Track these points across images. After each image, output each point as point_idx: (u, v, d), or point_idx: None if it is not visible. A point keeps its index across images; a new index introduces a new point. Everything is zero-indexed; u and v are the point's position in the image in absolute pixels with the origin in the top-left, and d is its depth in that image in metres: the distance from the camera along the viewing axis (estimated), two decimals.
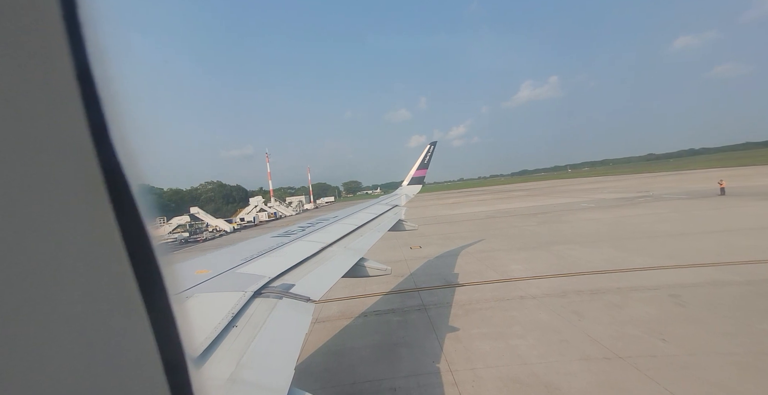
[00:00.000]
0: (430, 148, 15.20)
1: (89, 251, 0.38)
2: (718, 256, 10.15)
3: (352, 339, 7.09)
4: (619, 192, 36.27)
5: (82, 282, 0.37)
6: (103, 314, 0.38)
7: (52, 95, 0.35)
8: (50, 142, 0.35)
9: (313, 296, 2.23)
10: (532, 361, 5.61)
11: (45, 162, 0.35)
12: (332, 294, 9.70)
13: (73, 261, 0.37)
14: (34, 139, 0.34)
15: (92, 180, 0.37)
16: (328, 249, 3.58)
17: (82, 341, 0.37)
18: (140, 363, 0.41)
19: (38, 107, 0.34)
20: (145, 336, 0.41)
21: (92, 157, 0.37)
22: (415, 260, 13.60)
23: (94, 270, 0.38)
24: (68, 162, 0.36)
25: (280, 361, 1.40)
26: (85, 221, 0.37)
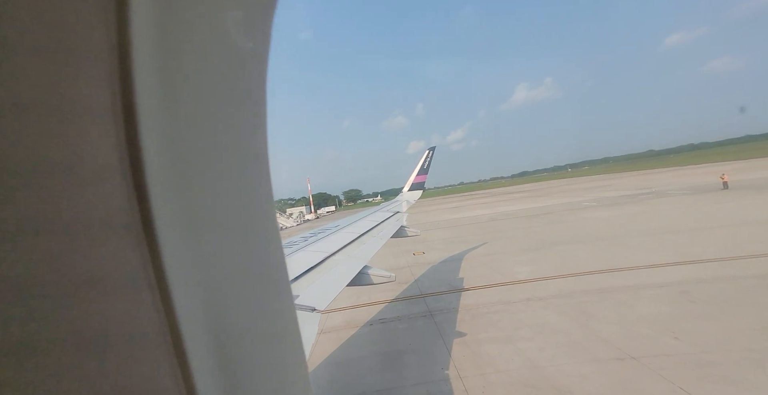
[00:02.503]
0: (429, 153, 15.28)
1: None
2: (725, 251, 10.06)
3: (358, 349, 7.02)
4: (621, 190, 36.19)
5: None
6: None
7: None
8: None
9: (319, 306, 2.22)
10: (543, 364, 5.53)
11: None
12: (337, 304, 9.63)
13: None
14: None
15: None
16: (331, 259, 3.58)
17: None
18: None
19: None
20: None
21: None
22: (419, 266, 13.53)
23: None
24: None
25: None
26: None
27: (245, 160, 0.57)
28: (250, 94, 0.57)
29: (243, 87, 0.56)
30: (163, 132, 0.44)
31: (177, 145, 0.46)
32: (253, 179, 0.59)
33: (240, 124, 0.56)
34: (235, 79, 0.54)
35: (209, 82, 0.50)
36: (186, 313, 0.43)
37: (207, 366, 0.46)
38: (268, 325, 0.60)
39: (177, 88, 0.45)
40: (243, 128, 0.57)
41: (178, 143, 0.46)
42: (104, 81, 0.39)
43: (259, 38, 0.55)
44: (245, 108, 0.57)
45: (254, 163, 0.59)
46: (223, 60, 0.52)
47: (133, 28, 0.39)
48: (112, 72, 0.39)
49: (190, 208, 0.47)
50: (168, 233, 0.43)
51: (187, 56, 0.46)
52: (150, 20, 0.40)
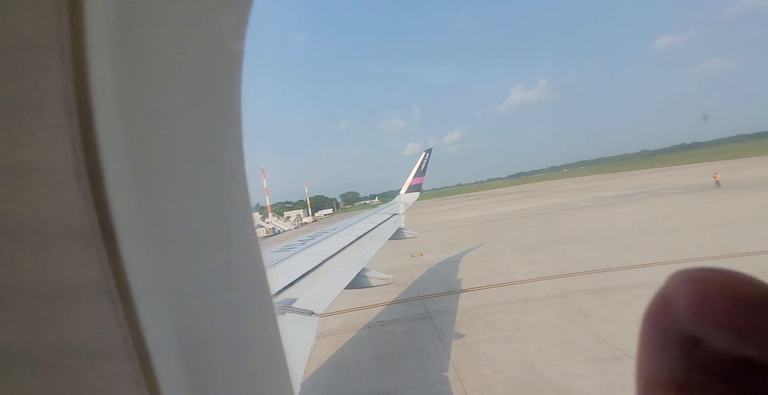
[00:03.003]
0: (425, 155, 15.37)
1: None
2: (718, 249, 10.18)
3: (357, 352, 7.00)
4: (616, 189, 36.49)
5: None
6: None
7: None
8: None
9: (317, 310, 2.23)
10: (541, 365, 5.55)
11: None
12: (335, 307, 9.60)
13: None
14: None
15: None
16: (329, 262, 3.59)
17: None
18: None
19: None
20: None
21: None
22: (417, 268, 13.53)
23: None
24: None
25: None
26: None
27: (216, 160, 0.55)
28: (222, 94, 0.55)
29: (214, 87, 0.54)
30: (125, 132, 0.41)
31: (138, 146, 0.43)
32: (226, 181, 0.57)
33: (211, 126, 0.54)
34: (205, 79, 0.52)
35: (176, 81, 0.48)
36: (151, 322, 0.40)
37: (174, 376, 0.43)
38: (245, 332, 0.58)
39: (139, 85, 0.43)
40: (214, 131, 0.54)
41: (139, 144, 0.43)
42: (62, 77, 0.36)
43: (233, 42, 0.53)
44: (217, 108, 0.55)
45: (227, 164, 0.57)
46: (191, 59, 0.49)
47: (90, 20, 0.36)
48: (71, 68, 0.36)
49: (154, 212, 0.45)
50: (129, 239, 0.40)
51: (151, 53, 0.44)
52: (110, 12, 0.38)
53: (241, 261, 0.59)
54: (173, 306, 0.46)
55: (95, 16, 0.36)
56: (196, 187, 0.52)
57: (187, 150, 0.51)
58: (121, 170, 0.40)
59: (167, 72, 0.46)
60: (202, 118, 0.53)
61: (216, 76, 0.54)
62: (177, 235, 0.48)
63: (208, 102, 0.54)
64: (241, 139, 0.58)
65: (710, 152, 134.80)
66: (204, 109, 0.53)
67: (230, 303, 0.56)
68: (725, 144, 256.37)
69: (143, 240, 0.42)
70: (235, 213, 0.58)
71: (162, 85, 0.46)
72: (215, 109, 0.55)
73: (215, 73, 0.54)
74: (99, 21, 0.37)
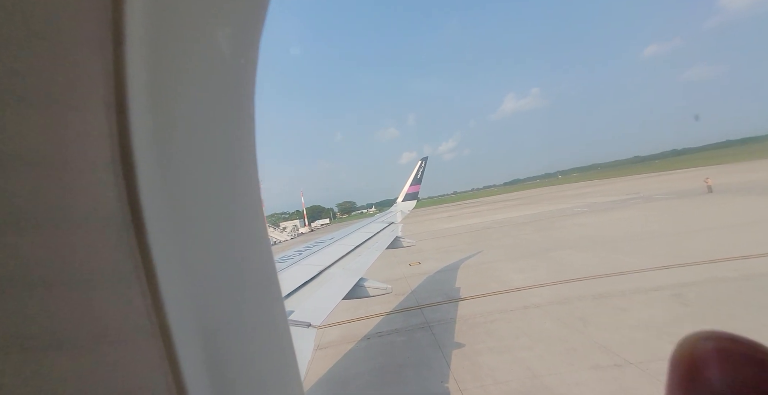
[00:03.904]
0: (421, 163, 15.46)
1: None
2: (713, 253, 10.25)
3: (356, 364, 6.87)
4: (610, 195, 36.84)
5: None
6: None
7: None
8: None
9: (314, 321, 2.20)
10: (542, 373, 5.48)
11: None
12: (333, 318, 9.46)
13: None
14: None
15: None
16: (326, 272, 3.56)
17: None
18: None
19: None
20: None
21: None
22: (415, 277, 13.44)
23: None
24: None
25: None
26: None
27: (235, 165, 0.59)
28: (239, 103, 0.59)
29: (233, 96, 0.58)
30: (155, 132, 0.44)
31: (168, 147, 0.46)
32: (243, 184, 0.61)
33: (229, 129, 0.58)
34: (225, 88, 0.56)
35: (201, 88, 0.52)
36: (176, 312, 0.43)
37: (197, 366, 0.46)
38: (259, 325, 0.61)
39: (169, 90, 0.46)
40: (232, 134, 0.59)
41: (169, 144, 0.46)
42: (98, 78, 0.39)
43: (249, 51, 0.58)
44: (235, 115, 0.59)
45: (244, 170, 0.61)
46: (214, 68, 0.54)
47: (127, 28, 0.39)
48: (106, 70, 0.39)
49: (180, 208, 0.48)
50: (158, 233, 0.43)
51: (181, 63, 0.48)
52: (144, 20, 0.41)
53: (255, 258, 0.63)
54: (194, 296, 0.49)
55: (134, 23, 0.40)
56: (214, 188, 0.56)
57: (209, 152, 0.55)
58: (151, 169, 0.43)
59: (191, 80, 0.51)
60: (221, 123, 0.57)
61: (233, 85, 0.58)
62: (197, 232, 0.52)
63: (227, 109, 0.58)
64: (254, 144, 0.63)
65: (700, 157, 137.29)
66: (223, 115, 0.57)
67: (243, 302, 0.59)
68: (714, 149, 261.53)
69: (168, 235, 0.45)
70: (248, 216, 0.62)
71: (186, 91, 0.50)
72: (234, 116, 0.59)
73: (233, 81, 0.58)
74: (136, 29, 0.40)
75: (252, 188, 0.62)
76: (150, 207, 0.42)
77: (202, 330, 0.48)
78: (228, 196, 0.58)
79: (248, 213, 0.61)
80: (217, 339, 0.51)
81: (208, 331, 0.49)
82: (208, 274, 0.52)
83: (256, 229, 0.63)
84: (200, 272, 0.51)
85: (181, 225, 0.48)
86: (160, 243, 0.43)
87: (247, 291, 0.60)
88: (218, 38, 0.52)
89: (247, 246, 0.61)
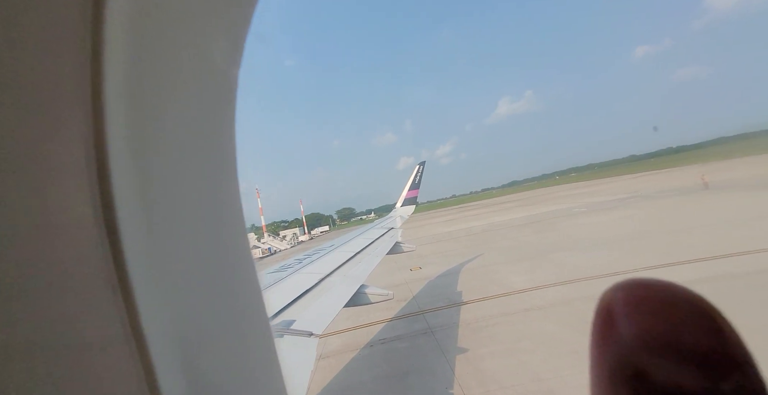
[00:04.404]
0: (419, 168, 15.51)
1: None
2: (713, 250, 10.28)
3: (359, 373, 6.80)
4: (608, 195, 36.96)
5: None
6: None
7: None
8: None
9: (316, 330, 2.20)
10: (546, 376, 5.44)
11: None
12: (335, 326, 9.39)
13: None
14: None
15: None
16: (327, 280, 3.56)
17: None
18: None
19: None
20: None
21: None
22: (416, 282, 13.38)
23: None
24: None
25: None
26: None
27: (214, 171, 0.59)
28: (220, 113, 0.59)
29: (213, 105, 0.58)
30: (131, 139, 0.44)
31: (145, 152, 0.46)
32: (222, 189, 0.60)
33: (209, 136, 0.58)
34: (206, 97, 0.56)
35: (181, 96, 0.52)
36: (152, 318, 0.42)
37: (174, 373, 0.45)
38: (240, 331, 0.60)
39: (147, 97, 0.46)
40: (212, 140, 0.58)
41: (145, 150, 0.46)
42: (75, 83, 0.38)
43: (230, 60, 0.57)
44: (215, 124, 0.58)
45: (223, 175, 0.60)
46: (195, 77, 0.54)
47: (107, 34, 0.39)
48: (83, 73, 0.39)
49: (157, 214, 0.48)
50: (134, 239, 0.42)
51: (160, 71, 0.48)
52: (124, 26, 0.41)
53: (234, 266, 0.62)
54: (172, 307, 0.47)
55: (113, 29, 0.39)
56: (192, 194, 0.55)
57: (186, 158, 0.54)
58: (127, 174, 0.43)
59: (170, 87, 0.50)
60: (200, 131, 0.56)
61: (214, 94, 0.58)
62: (174, 238, 0.51)
63: (208, 118, 0.57)
64: (234, 150, 0.62)
65: (695, 155, 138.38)
66: (203, 124, 0.57)
67: (223, 308, 0.57)
68: (709, 147, 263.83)
69: (144, 241, 0.44)
70: (228, 221, 0.61)
71: (165, 98, 0.50)
72: (213, 124, 0.58)
73: (212, 96, 0.57)
74: (115, 36, 0.40)
75: (231, 192, 0.61)
76: (125, 213, 0.42)
77: (179, 335, 0.48)
78: (207, 201, 0.58)
79: (228, 219, 0.61)
80: (196, 344, 0.50)
81: (186, 337, 0.49)
82: (186, 280, 0.52)
83: (236, 235, 0.62)
84: (177, 278, 0.50)
85: (158, 231, 0.48)
86: (135, 248, 0.42)
87: (228, 297, 0.59)
88: (199, 46, 0.52)
89: (227, 251, 0.61)
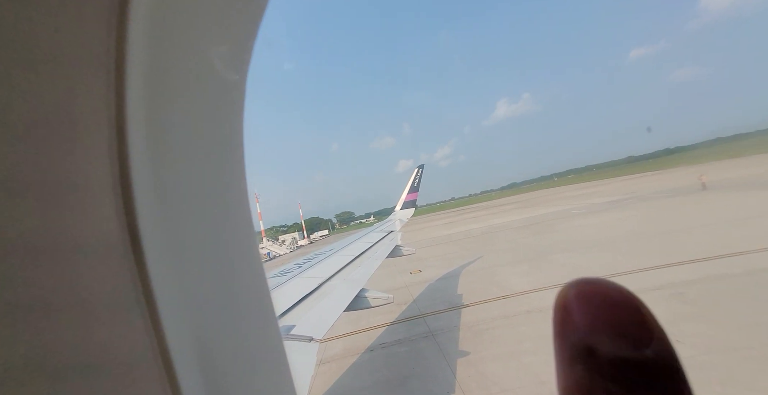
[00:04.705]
0: (418, 171, 15.55)
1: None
2: (711, 250, 10.29)
3: (360, 378, 6.75)
4: (606, 196, 37.05)
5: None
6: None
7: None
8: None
9: (316, 335, 2.19)
10: (549, 379, 5.40)
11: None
12: (336, 331, 9.33)
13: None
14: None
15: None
16: (326, 284, 3.54)
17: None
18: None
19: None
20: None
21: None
22: (416, 285, 13.34)
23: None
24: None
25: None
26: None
27: (227, 186, 0.61)
28: (231, 128, 0.60)
29: (221, 115, 0.59)
30: (152, 156, 0.45)
31: (164, 169, 0.47)
32: (235, 203, 0.62)
33: (222, 153, 0.59)
34: (217, 111, 0.58)
35: (196, 110, 0.54)
36: (176, 335, 0.44)
37: (198, 389, 0.46)
38: (255, 345, 0.62)
39: (167, 113, 0.48)
40: (224, 157, 0.60)
41: (165, 167, 0.48)
42: (98, 103, 0.39)
43: (240, 70, 0.59)
44: (227, 140, 0.60)
45: (235, 190, 0.62)
46: (208, 91, 0.55)
47: (128, 53, 0.40)
48: (108, 89, 0.39)
49: (177, 231, 0.49)
50: (156, 256, 0.43)
51: (178, 87, 0.49)
52: (143, 43, 0.42)
53: (248, 281, 0.64)
54: (190, 318, 0.49)
55: (135, 48, 0.40)
56: (208, 208, 0.57)
57: (201, 175, 0.56)
58: (147, 184, 0.44)
59: (185, 100, 0.52)
60: (213, 147, 0.58)
61: (223, 108, 0.59)
62: (194, 254, 0.52)
63: (220, 132, 0.59)
64: (243, 165, 0.64)
65: (692, 156, 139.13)
66: (215, 139, 0.58)
67: (239, 321, 0.60)
68: (706, 147, 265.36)
69: (166, 258, 0.46)
70: (241, 237, 0.63)
71: (182, 114, 0.51)
72: (223, 137, 0.60)
73: (222, 103, 0.59)
74: (137, 54, 0.41)
75: (241, 198, 0.63)
76: (147, 223, 0.42)
77: (202, 351, 0.49)
78: (219, 207, 0.59)
79: (238, 224, 0.63)
80: (213, 348, 0.52)
81: (207, 352, 0.50)
82: (204, 286, 0.53)
83: (246, 240, 0.64)
84: (198, 294, 0.52)
85: (179, 248, 0.49)
86: (158, 266, 0.43)
87: (242, 311, 0.61)
88: (208, 54, 0.53)
89: (238, 256, 0.62)
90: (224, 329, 0.56)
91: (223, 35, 0.55)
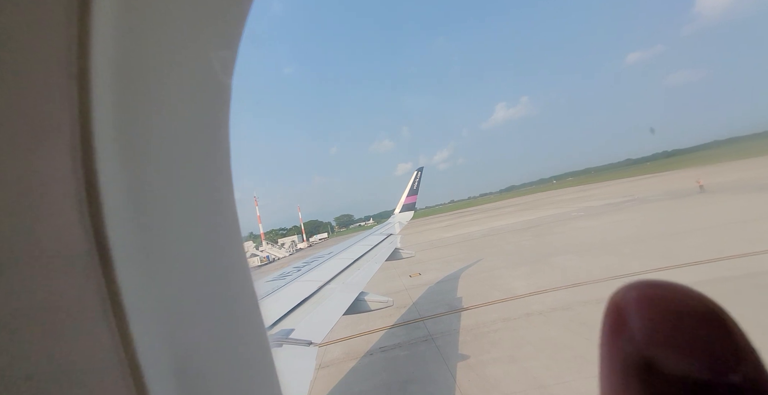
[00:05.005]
0: (417, 174, 15.57)
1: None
2: (710, 252, 10.30)
3: (360, 382, 6.70)
4: (605, 198, 37.13)
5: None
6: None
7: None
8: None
9: (315, 339, 2.17)
10: (549, 383, 5.38)
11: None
12: (335, 335, 9.27)
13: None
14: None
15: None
16: (326, 287, 3.53)
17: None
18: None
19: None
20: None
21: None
22: (416, 288, 13.29)
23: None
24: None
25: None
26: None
27: (209, 193, 0.57)
28: (212, 126, 0.57)
29: (204, 120, 0.57)
30: (122, 163, 0.43)
31: (135, 157, 0.45)
32: (218, 212, 0.59)
33: (203, 157, 0.57)
34: (198, 117, 0.55)
35: (172, 116, 0.51)
36: (147, 348, 0.41)
37: (166, 378, 0.44)
38: (239, 353, 0.59)
39: (137, 119, 0.45)
40: (206, 161, 0.57)
41: (136, 155, 0.45)
42: (61, 84, 0.37)
43: (223, 74, 0.56)
44: (206, 132, 0.57)
45: (219, 194, 0.59)
46: (185, 94, 0.52)
47: (93, 53, 0.38)
48: (70, 82, 0.37)
49: (147, 219, 0.46)
50: (126, 266, 0.41)
51: (148, 90, 0.46)
52: (112, 40, 0.40)
53: (234, 290, 0.60)
54: (166, 317, 0.46)
55: (101, 31, 0.38)
56: (189, 215, 0.54)
57: (179, 179, 0.53)
58: (117, 182, 0.42)
59: (160, 107, 0.49)
60: (193, 152, 0.55)
61: (206, 110, 0.57)
62: (168, 263, 0.49)
63: (199, 134, 0.56)
64: (230, 168, 0.61)
65: (690, 159, 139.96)
66: (195, 135, 0.55)
67: (222, 333, 0.56)
68: (703, 150, 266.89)
69: (138, 267, 0.43)
70: (224, 238, 0.59)
71: (155, 119, 0.48)
72: (206, 135, 0.57)
73: (205, 101, 0.56)
74: (103, 53, 0.39)
75: (226, 199, 0.60)
76: (115, 222, 0.40)
77: (174, 345, 0.46)
78: (201, 208, 0.56)
79: (223, 226, 0.59)
80: (191, 354, 0.49)
81: (181, 346, 0.47)
82: (180, 289, 0.50)
83: (232, 242, 0.60)
84: (171, 287, 0.49)
85: (151, 238, 0.46)
86: (129, 273, 0.41)
87: (223, 306, 0.57)
88: (191, 51, 0.51)
89: (222, 259, 0.59)
90: (205, 337, 0.52)
91: (202, 35, 0.53)
